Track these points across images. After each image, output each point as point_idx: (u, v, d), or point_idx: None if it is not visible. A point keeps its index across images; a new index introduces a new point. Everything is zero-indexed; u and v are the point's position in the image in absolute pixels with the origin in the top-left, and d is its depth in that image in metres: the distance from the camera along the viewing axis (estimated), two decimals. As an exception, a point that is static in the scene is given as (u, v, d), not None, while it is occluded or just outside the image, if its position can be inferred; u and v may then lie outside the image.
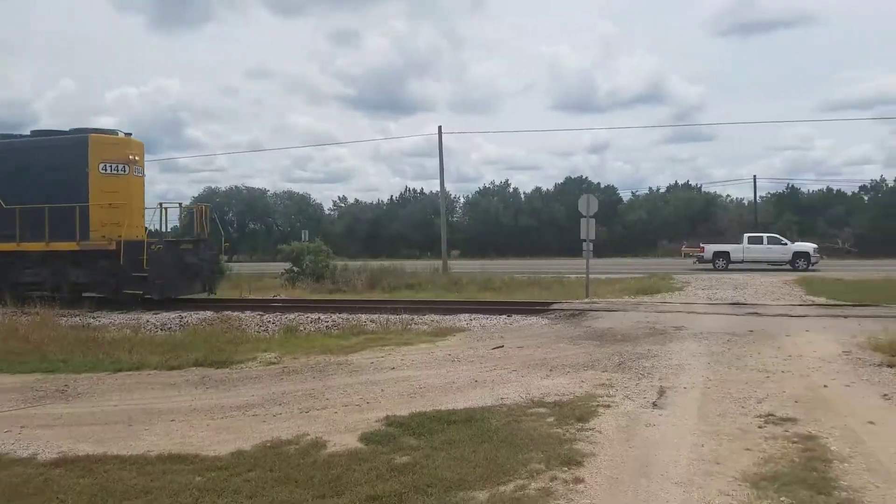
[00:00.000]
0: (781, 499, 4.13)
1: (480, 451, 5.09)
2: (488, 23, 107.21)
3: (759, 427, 5.59)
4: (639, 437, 5.41)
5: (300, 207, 67.23)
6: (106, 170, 16.20)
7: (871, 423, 5.65)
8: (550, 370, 8.10)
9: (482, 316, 13.24)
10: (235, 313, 14.15)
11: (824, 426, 5.57)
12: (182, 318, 14.07)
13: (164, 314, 14.53)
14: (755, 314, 12.20)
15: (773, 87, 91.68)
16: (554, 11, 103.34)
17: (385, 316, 12.97)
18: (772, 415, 5.91)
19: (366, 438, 5.56)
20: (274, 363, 9.18)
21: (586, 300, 15.41)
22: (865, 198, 52.61)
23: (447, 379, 7.79)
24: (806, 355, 8.43)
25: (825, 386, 6.93)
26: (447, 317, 13.19)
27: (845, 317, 11.66)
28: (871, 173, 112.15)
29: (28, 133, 17.87)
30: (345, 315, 13.75)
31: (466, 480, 4.55)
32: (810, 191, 56.52)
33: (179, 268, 16.13)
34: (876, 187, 52.66)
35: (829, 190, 55.38)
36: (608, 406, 6.34)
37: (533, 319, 12.84)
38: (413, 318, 12.95)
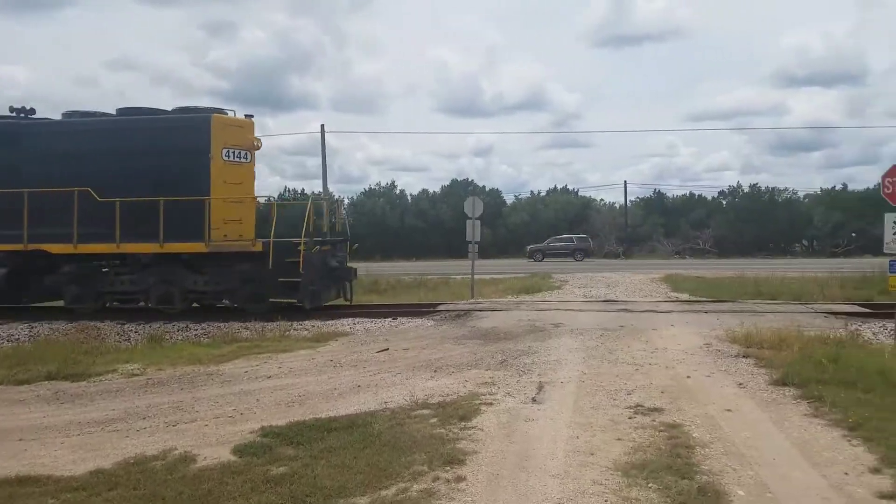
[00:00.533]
0: (649, 485, 4.41)
1: (362, 457, 5.04)
2: (372, 22, 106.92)
3: (630, 418, 5.95)
4: (519, 433, 5.58)
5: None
6: (229, 157, 13.80)
7: (729, 410, 6.17)
8: (435, 371, 8.17)
9: (366, 319, 13.13)
10: (93, 322, 13.09)
11: (687, 415, 6.02)
12: (32, 328, 12.84)
13: (11, 323, 13.19)
14: (626, 310, 12.99)
15: (643, 97, 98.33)
16: (439, 15, 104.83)
17: (261, 323, 12.54)
18: (641, 405, 6.31)
19: (239, 451, 5.34)
20: (137, 375, 8.64)
21: (471, 301, 15.72)
22: (724, 202, 57.54)
23: (328, 385, 7.65)
24: (671, 348, 9.08)
25: (688, 377, 7.50)
26: (329, 321, 12.96)
27: (706, 312, 12.68)
28: (729, 179, 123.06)
29: (115, 112, 14.89)
30: (216, 323, 13.13)
31: (347, 487, 4.49)
32: (675, 195, 61.04)
33: (325, 272, 14.03)
34: (733, 192, 57.76)
35: (692, 195, 60.06)
36: (490, 404, 6.50)
37: (419, 321, 12.91)
38: (292, 324, 12.61)
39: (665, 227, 52.08)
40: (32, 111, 15.08)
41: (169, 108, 14.61)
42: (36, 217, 13.67)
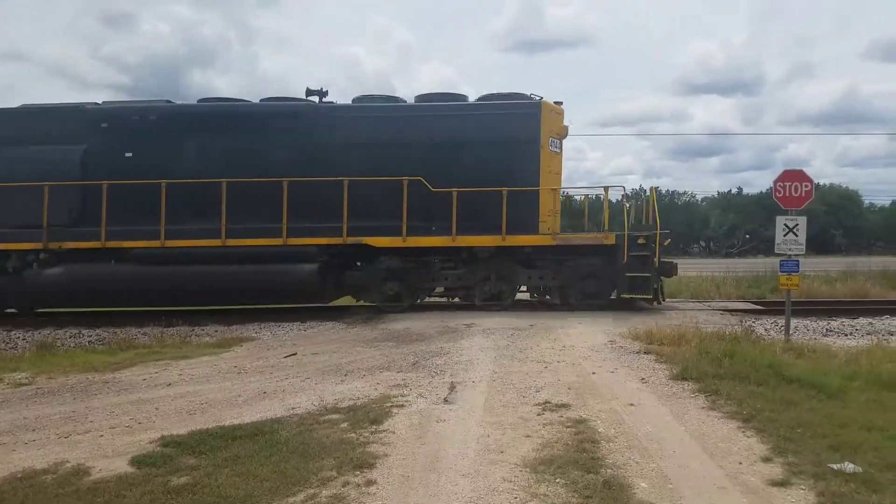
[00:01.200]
0: (557, 480, 4.53)
1: (268, 465, 4.91)
2: (281, 18, 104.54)
3: (538, 414, 6.11)
4: (430, 434, 5.61)
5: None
6: (553, 146, 13.24)
7: (632, 405, 6.45)
8: (346, 375, 8.07)
9: (273, 324, 12.79)
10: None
11: (593, 410, 6.24)
12: None
13: None
14: (536, 311, 13.30)
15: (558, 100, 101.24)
16: (350, 13, 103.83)
17: (160, 328, 11.97)
18: (549, 402, 6.49)
19: (138, 461, 5.10)
20: (25, 384, 8.10)
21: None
22: (627, 204, 60.19)
23: (233, 392, 7.40)
24: (578, 346, 9.39)
25: (593, 373, 7.77)
26: (234, 326, 12.53)
27: (614, 311, 13.18)
28: (633, 182, 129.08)
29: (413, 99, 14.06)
30: (112, 329, 12.42)
31: (253, 496, 4.38)
32: (582, 197, 63.33)
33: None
34: (636, 195, 60.53)
35: (597, 197, 62.41)
36: (402, 406, 6.49)
37: (330, 324, 12.70)
38: (194, 330, 12.12)
39: (572, 228, 53.81)
40: (325, 93, 14.10)
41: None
42: (356, 208, 12.81)
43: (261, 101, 13.98)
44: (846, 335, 10.83)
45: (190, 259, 12.89)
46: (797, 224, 9.88)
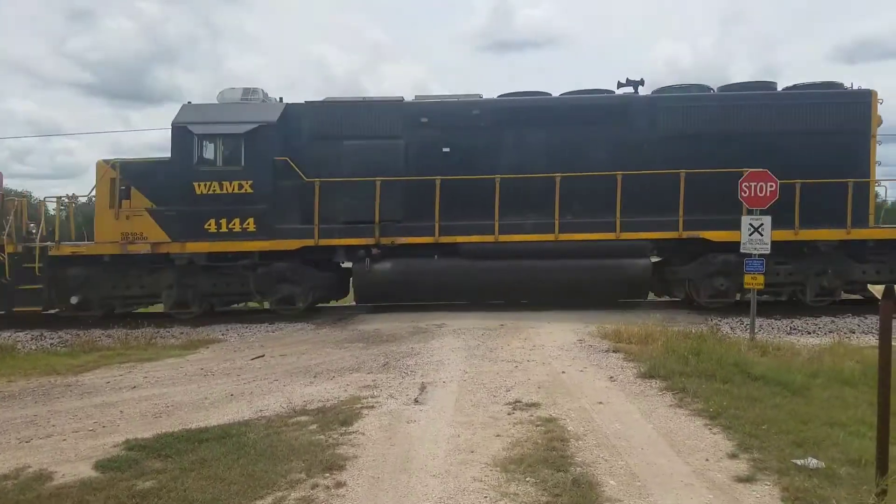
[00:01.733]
0: (527, 479, 4.57)
1: (236, 468, 4.86)
2: (248, 15, 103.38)
3: (509, 414, 6.15)
4: (400, 435, 5.60)
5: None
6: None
7: (601, 403, 6.53)
8: (315, 376, 8.02)
9: (240, 325, 12.65)
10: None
11: (562, 408, 6.31)
12: None
13: None
14: (506, 310, 13.37)
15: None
16: (319, 12, 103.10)
17: (124, 331, 11.76)
18: (519, 401, 6.54)
19: (102, 466, 5.03)
20: (-19, 389, 7.85)
21: (353, 302, 15.54)
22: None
23: (199, 395, 7.30)
24: (547, 345, 9.47)
25: (563, 372, 7.85)
26: (200, 328, 12.37)
27: (583, 310, 13.29)
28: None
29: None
30: (75, 330, 12.16)
31: (220, 499, 4.33)
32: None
33: None
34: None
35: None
36: (372, 407, 6.47)
37: (298, 325, 12.61)
38: (159, 332, 11.93)
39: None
40: (641, 82, 13.92)
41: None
42: (691, 201, 12.67)
43: (562, 94, 13.99)
44: (809, 333, 11.09)
45: (520, 254, 12.95)
46: (762, 223, 10.09)
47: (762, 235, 10.07)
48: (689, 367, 7.52)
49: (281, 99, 13.97)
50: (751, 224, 10.18)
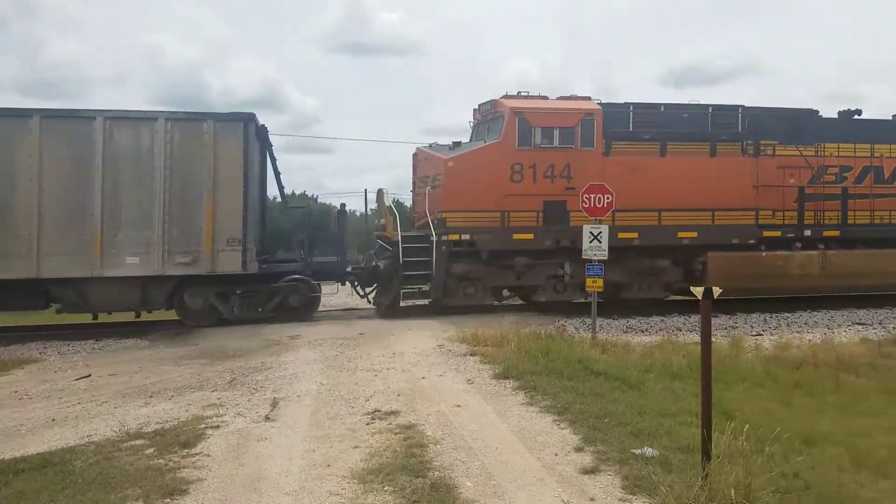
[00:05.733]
0: (385, 488, 4.60)
1: (61, 499, 4.46)
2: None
3: (367, 424, 6.16)
4: (250, 454, 5.41)
5: None
6: None
7: (458, 406, 6.73)
8: (151, 397, 7.52)
9: (61, 342, 11.55)
10: None
11: (422, 414, 6.42)
12: None
13: None
14: (365, 318, 13.36)
15: (384, 108, 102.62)
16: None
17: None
18: (378, 410, 6.57)
19: None
20: None
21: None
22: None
23: (13, 421, 6.59)
24: (407, 352, 9.59)
25: (423, 378, 8.00)
26: (13, 346, 11.15)
27: (443, 315, 13.58)
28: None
29: None
30: None
31: (41, 539, 3.93)
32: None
33: None
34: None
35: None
36: (217, 427, 6.19)
37: (130, 342, 11.75)
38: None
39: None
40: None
41: None
42: None
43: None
44: (643, 332, 12.16)
45: None
46: (601, 232, 10.95)
47: (601, 243, 10.91)
48: (539, 367, 7.98)
49: None
50: (591, 232, 10.99)
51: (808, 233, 14.41)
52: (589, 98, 14.12)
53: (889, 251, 14.47)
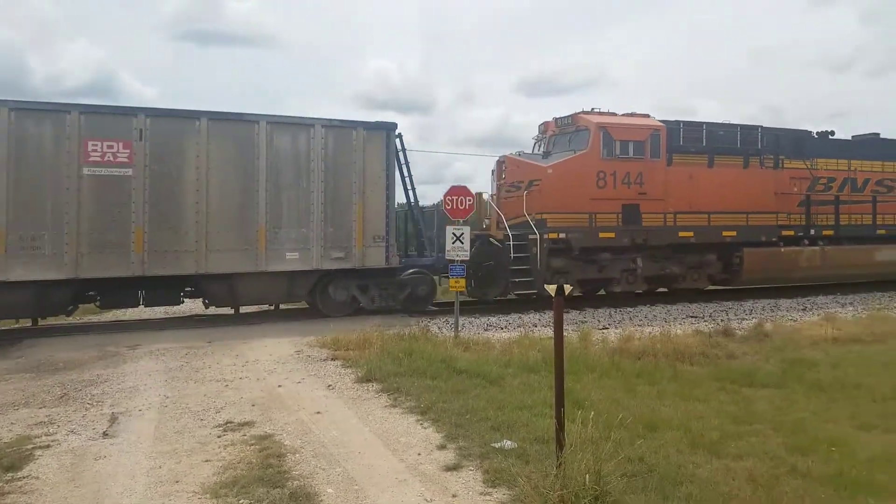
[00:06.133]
0: (241, 501, 4.41)
1: None
2: None
3: (218, 436, 5.86)
4: (88, 474, 4.97)
5: None
6: None
7: (319, 413, 6.58)
8: (-36, 418, 6.68)
9: None
10: None
11: (278, 423, 6.21)
12: None
13: None
14: (214, 325, 12.72)
15: (235, 101, 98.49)
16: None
17: None
18: (231, 422, 6.27)
19: None
20: None
21: (16, 325, 13.32)
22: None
23: None
24: (262, 360, 9.25)
25: (280, 386, 7.74)
26: None
27: (298, 320, 13.24)
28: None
29: None
30: None
31: None
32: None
33: None
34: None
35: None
36: (48, 446, 5.62)
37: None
38: None
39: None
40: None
41: None
42: None
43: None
44: (502, 328, 12.57)
45: None
46: (463, 233, 11.19)
47: (463, 244, 11.15)
48: (402, 368, 8.00)
49: None
50: (453, 233, 11.20)
51: (812, 232, 17.58)
52: (649, 115, 16.34)
53: (867, 247, 18.16)
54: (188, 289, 12.64)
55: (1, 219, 10.79)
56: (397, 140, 13.97)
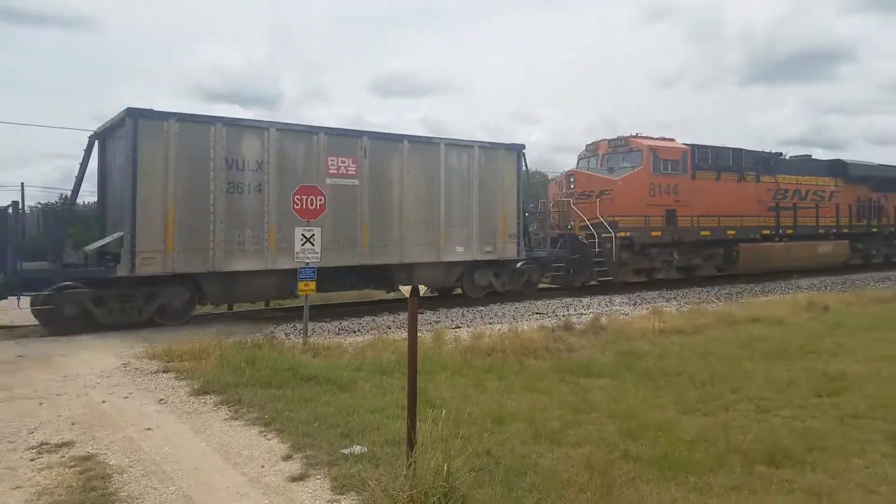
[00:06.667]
0: (57, 531, 3.98)
1: None
2: None
3: (32, 460, 5.29)
4: None
5: None
6: None
7: (149, 429, 6.13)
8: None
9: None
10: None
11: (103, 442, 5.72)
12: None
13: None
14: (25, 337, 11.49)
15: (44, 87, 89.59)
16: None
17: None
18: (46, 443, 5.69)
19: None
20: None
21: None
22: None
23: None
24: (83, 374, 8.47)
25: (104, 401, 7.12)
26: None
27: (122, 331, 12.25)
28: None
29: None
30: None
31: None
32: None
33: None
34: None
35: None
36: None
37: None
38: None
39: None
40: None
41: None
42: None
43: None
44: (355, 332, 12.43)
45: None
46: (313, 234, 10.87)
47: (313, 245, 10.81)
48: (244, 378, 7.65)
49: None
50: (303, 235, 10.85)
51: (780, 231, 22.90)
52: (674, 139, 21.09)
53: (813, 242, 23.94)
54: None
55: (273, 220, 13.26)
56: (523, 157, 17.45)
